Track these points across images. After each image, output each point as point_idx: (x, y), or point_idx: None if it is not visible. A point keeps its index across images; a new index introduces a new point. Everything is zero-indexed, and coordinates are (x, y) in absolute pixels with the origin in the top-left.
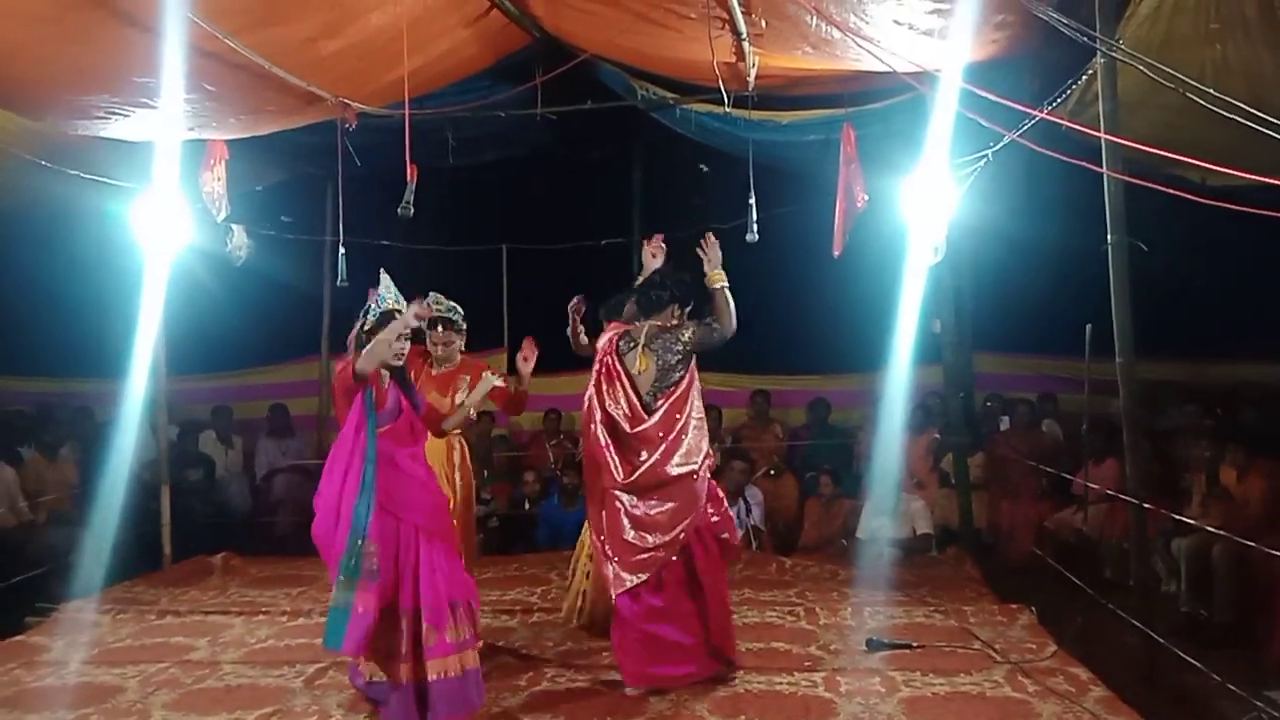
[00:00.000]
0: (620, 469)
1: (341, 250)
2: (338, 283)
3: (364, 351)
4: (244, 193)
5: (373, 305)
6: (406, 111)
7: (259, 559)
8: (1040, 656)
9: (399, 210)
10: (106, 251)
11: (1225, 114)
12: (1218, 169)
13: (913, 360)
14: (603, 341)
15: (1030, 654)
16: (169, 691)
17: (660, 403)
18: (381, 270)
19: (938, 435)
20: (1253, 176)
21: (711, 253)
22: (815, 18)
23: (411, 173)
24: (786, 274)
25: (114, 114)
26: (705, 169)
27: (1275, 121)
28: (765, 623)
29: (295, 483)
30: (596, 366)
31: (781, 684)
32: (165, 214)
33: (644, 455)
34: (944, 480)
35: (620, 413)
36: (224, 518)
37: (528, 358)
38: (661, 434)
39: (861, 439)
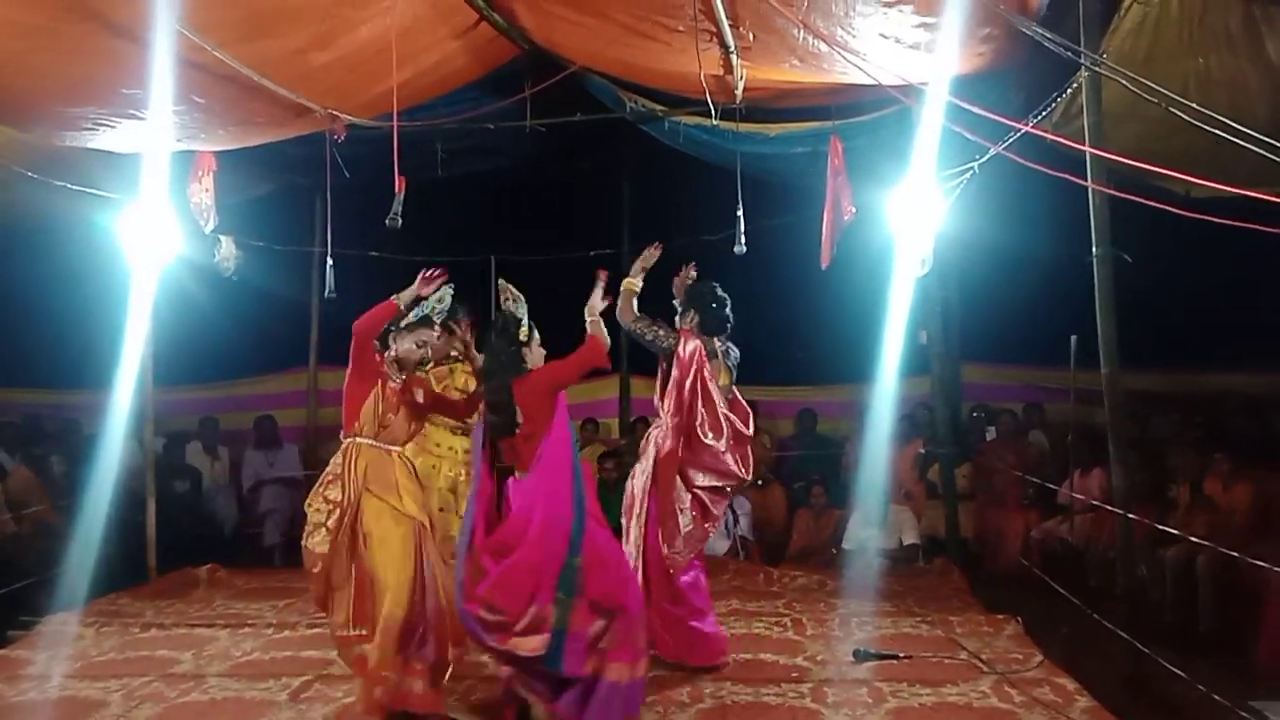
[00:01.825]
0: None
1: (330, 262)
2: (326, 294)
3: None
4: (232, 204)
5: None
6: (395, 123)
7: (245, 571)
8: (1026, 667)
9: (387, 221)
10: (94, 262)
11: (1206, 128)
12: (1200, 182)
13: (900, 371)
14: (692, 349)
15: (1017, 664)
16: (153, 705)
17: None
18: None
19: (923, 449)
20: (1234, 189)
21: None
22: (802, 31)
23: (400, 184)
24: (775, 285)
25: (102, 125)
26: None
27: (1255, 134)
28: (752, 633)
29: (282, 495)
30: (691, 376)
31: (769, 695)
32: (153, 225)
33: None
34: (931, 491)
35: (703, 422)
36: (210, 530)
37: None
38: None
39: (849, 449)
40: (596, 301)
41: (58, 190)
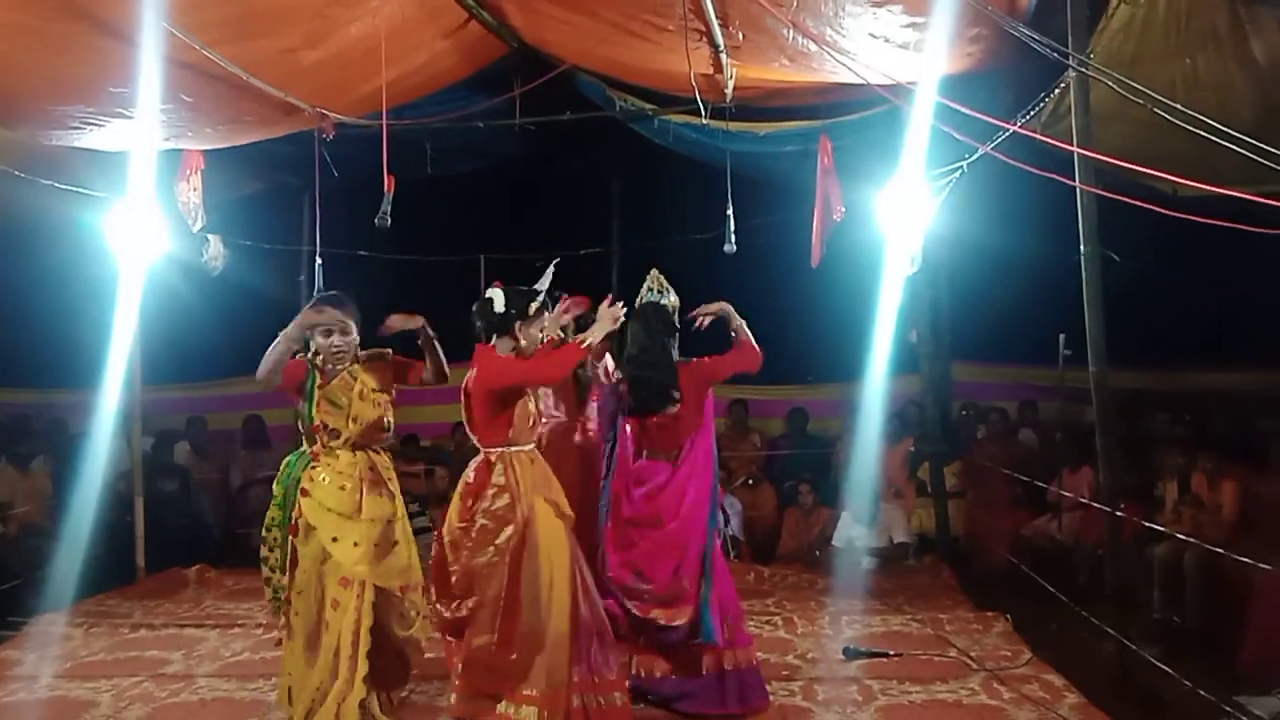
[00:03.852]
0: None
1: (319, 260)
2: (314, 293)
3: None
4: (220, 202)
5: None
6: (384, 122)
7: (234, 571)
8: (1015, 664)
9: (377, 220)
10: (81, 261)
11: (1191, 129)
12: (1186, 182)
13: (890, 370)
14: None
15: (1006, 661)
16: (142, 706)
17: None
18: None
19: (913, 448)
20: (1219, 189)
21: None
22: (792, 31)
23: (389, 183)
24: (765, 284)
25: (90, 124)
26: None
27: (1238, 135)
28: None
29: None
30: None
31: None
32: (141, 224)
33: None
34: (921, 489)
35: None
36: (198, 530)
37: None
38: None
39: (840, 448)
40: (736, 320)
41: (44, 189)
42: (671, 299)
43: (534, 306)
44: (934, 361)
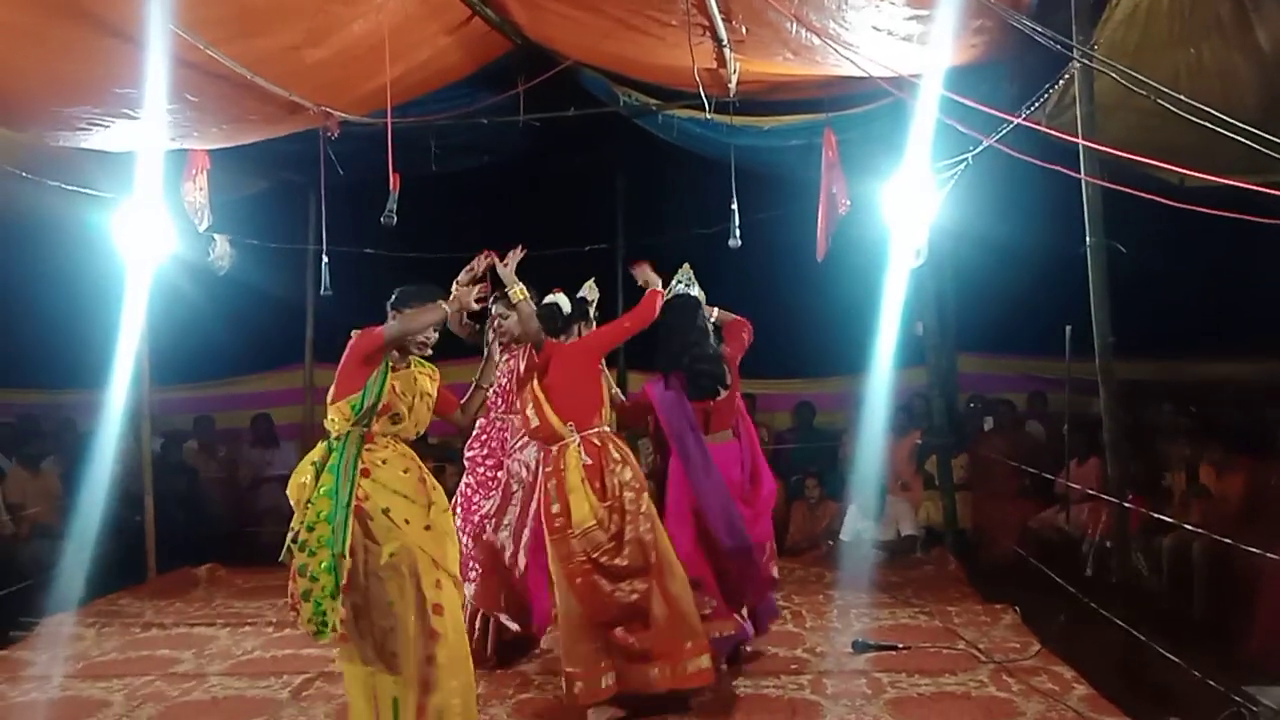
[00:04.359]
0: None
1: (324, 259)
2: (321, 291)
3: None
4: (226, 202)
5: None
6: (389, 120)
7: (244, 570)
8: (1024, 655)
9: (382, 219)
10: (89, 262)
11: (1195, 119)
12: (1191, 173)
13: (896, 362)
14: None
15: (1014, 653)
16: (155, 704)
17: None
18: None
19: (920, 440)
20: (1223, 180)
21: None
22: (795, 24)
23: (394, 181)
24: (770, 278)
25: (95, 125)
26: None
27: (1241, 125)
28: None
29: (279, 493)
30: None
31: (768, 687)
32: (147, 224)
33: None
34: (928, 482)
35: None
36: (208, 528)
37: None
38: None
39: (846, 442)
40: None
41: (52, 190)
42: (696, 290)
43: (590, 310)
44: (940, 354)
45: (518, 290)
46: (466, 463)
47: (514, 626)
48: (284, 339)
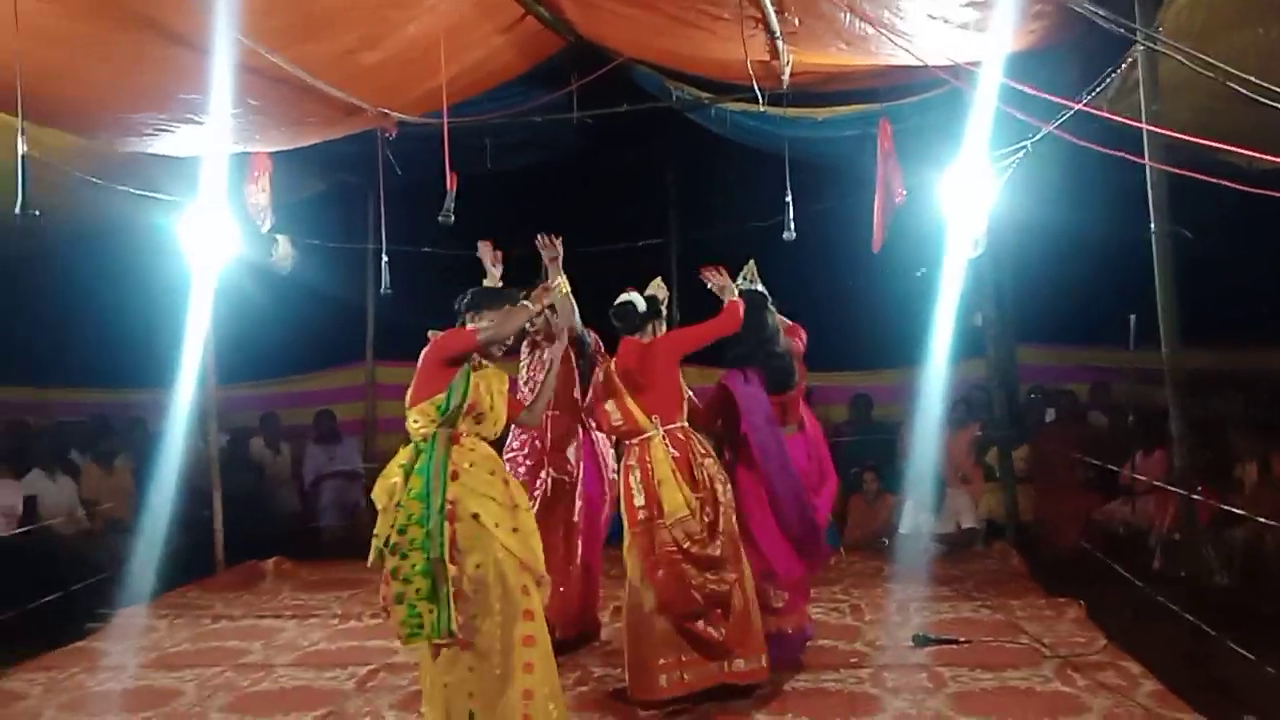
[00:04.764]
0: None
1: (384, 258)
2: (381, 290)
3: None
4: (286, 203)
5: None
6: (445, 120)
7: (308, 563)
8: (1090, 650)
9: (440, 218)
10: (156, 265)
11: (1267, 101)
12: (1261, 155)
13: (955, 354)
14: None
15: (1080, 648)
16: (226, 694)
17: None
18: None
19: (979, 432)
20: None
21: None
22: (849, 15)
23: (452, 180)
24: (826, 270)
25: (161, 130)
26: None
27: None
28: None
29: (342, 488)
30: None
31: (828, 681)
32: (212, 226)
33: None
34: (989, 474)
35: None
36: (273, 523)
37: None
38: None
39: (904, 434)
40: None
41: (120, 194)
42: (760, 286)
43: (663, 308)
44: (999, 345)
45: (561, 284)
46: (506, 462)
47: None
48: (345, 337)
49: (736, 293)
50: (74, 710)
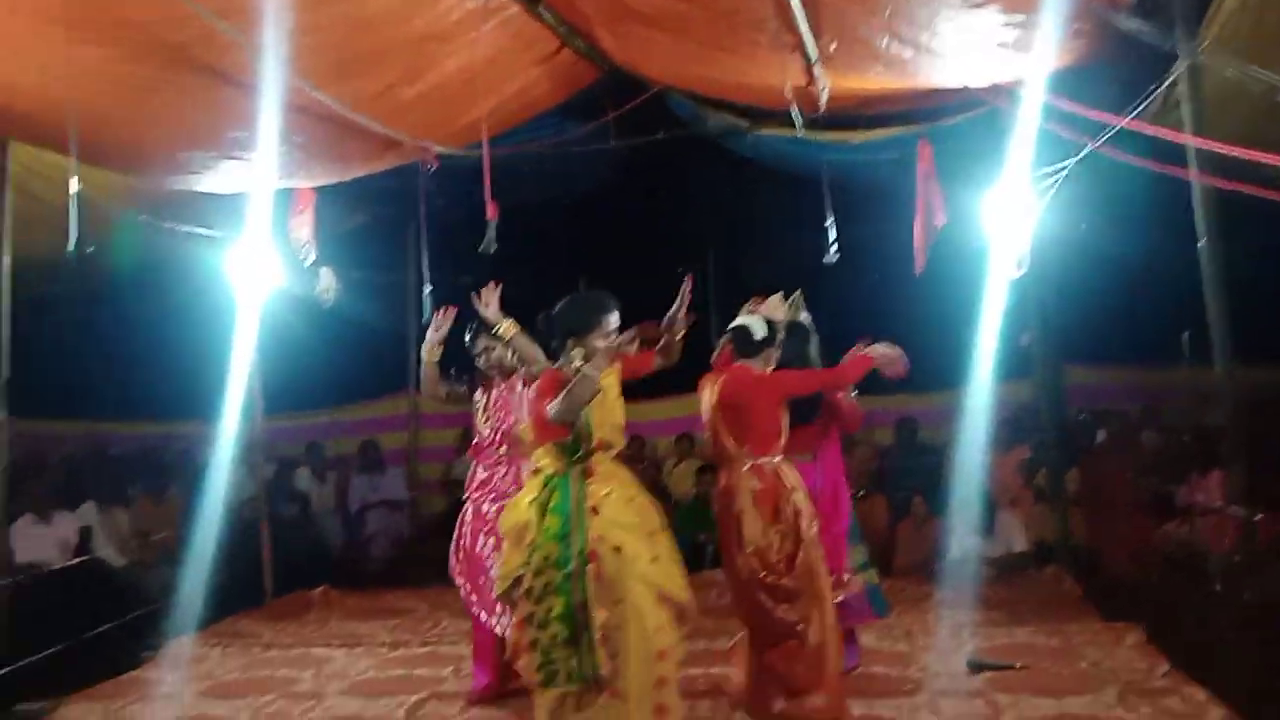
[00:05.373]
0: None
1: (427, 288)
2: (423, 321)
3: None
4: (330, 236)
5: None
6: (485, 151)
7: (355, 592)
8: (1153, 676)
9: (481, 249)
10: (203, 299)
11: None
12: None
13: (1001, 375)
14: None
15: (1142, 674)
16: None
17: None
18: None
19: (1029, 454)
20: None
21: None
22: (889, 37)
23: (492, 210)
24: (867, 293)
25: (208, 168)
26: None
27: None
28: (862, 647)
29: (386, 517)
30: None
31: (883, 708)
32: (257, 260)
33: None
34: (1039, 496)
35: None
36: (319, 552)
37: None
38: None
39: (950, 457)
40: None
41: (168, 231)
42: (805, 317)
43: (779, 338)
44: (1046, 365)
45: (507, 326)
46: (469, 503)
47: None
48: (389, 367)
49: (876, 354)
50: None
